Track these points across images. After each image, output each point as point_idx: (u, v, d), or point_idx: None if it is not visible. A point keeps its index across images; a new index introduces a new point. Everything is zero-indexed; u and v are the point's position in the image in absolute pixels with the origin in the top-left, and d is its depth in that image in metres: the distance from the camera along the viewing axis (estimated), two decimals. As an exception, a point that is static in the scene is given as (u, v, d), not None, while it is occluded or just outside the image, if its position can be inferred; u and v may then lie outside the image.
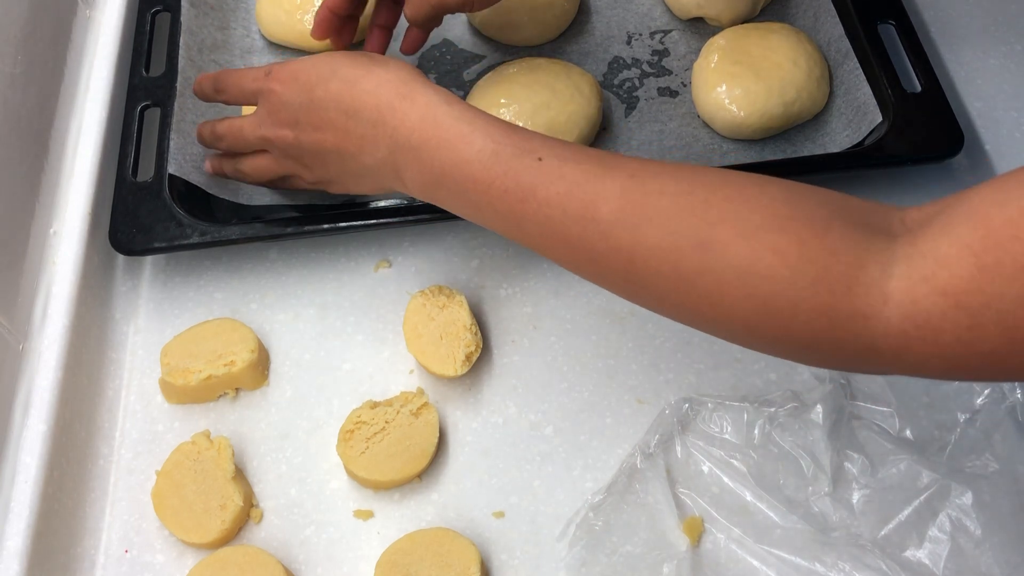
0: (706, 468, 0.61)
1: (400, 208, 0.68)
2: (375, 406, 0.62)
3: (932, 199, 0.45)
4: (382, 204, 0.70)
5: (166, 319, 0.68)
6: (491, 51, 0.80)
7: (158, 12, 0.77)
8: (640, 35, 0.81)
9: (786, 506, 0.59)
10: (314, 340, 0.67)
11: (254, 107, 0.64)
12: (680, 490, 0.60)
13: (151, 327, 0.68)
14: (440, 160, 0.53)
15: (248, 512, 0.60)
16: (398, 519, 0.60)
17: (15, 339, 0.60)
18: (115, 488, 0.62)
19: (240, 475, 0.61)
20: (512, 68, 0.73)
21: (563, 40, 0.80)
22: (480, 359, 0.65)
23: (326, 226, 0.67)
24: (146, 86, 0.73)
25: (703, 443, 0.61)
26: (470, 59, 0.80)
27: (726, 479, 0.60)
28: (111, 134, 0.72)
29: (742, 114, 0.72)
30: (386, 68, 0.57)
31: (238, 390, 0.65)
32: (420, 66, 0.79)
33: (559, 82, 0.72)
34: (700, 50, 0.76)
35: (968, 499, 0.57)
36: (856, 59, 0.73)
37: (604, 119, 0.75)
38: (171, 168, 0.68)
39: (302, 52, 0.78)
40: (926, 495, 0.58)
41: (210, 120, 0.68)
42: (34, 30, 0.68)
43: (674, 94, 0.77)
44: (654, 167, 0.49)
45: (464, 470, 0.62)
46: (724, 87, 0.72)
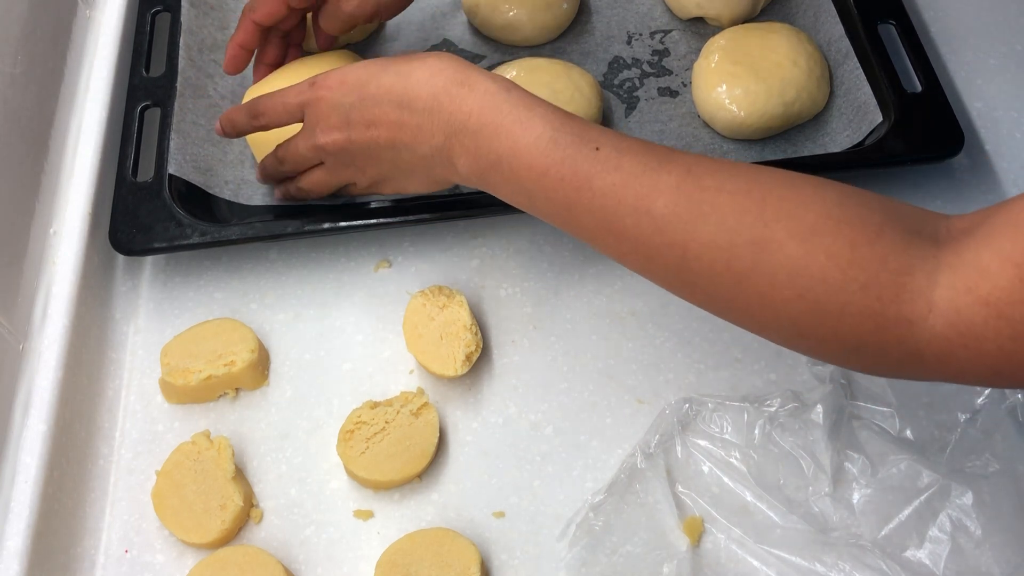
0: (706, 468, 0.61)
1: (400, 208, 0.68)
2: (375, 406, 0.62)
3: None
4: (382, 204, 0.70)
5: (166, 319, 0.68)
6: (491, 51, 0.80)
7: (158, 12, 0.77)
8: (640, 35, 0.81)
9: (786, 506, 0.59)
10: (314, 340, 0.67)
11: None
12: (680, 490, 0.60)
13: (151, 327, 0.68)
14: (497, 145, 0.53)
15: (248, 512, 0.60)
16: (398, 519, 0.60)
17: (15, 339, 0.60)
18: (115, 488, 0.62)
19: (240, 475, 0.61)
20: (512, 68, 0.73)
21: (563, 40, 0.80)
22: (480, 359, 0.65)
23: (326, 226, 0.67)
24: (146, 86, 0.73)
25: (703, 443, 0.61)
26: (470, 59, 0.80)
27: (726, 479, 0.60)
28: (111, 134, 0.72)
29: (742, 114, 0.72)
30: (439, 58, 0.57)
31: (238, 390, 0.65)
32: (420, 66, 0.79)
33: (559, 82, 0.71)
34: (700, 50, 0.76)
35: (968, 499, 0.57)
36: (856, 59, 0.73)
37: (604, 119, 0.75)
38: (171, 168, 0.68)
39: (302, 52, 0.78)
40: (926, 495, 0.58)
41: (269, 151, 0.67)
42: (34, 30, 0.68)
43: (674, 94, 0.77)
44: (711, 163, 0.49)
45: (464, 470, 0.62)
46: (724, 87, 0.72)
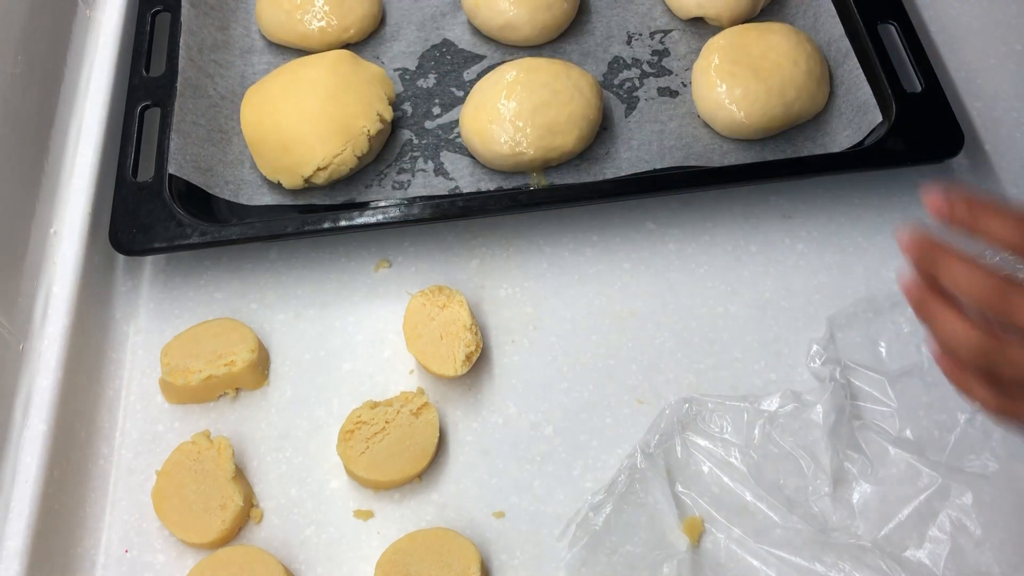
0: (706, 468, 0.61)
1: (400, 208, 0.68)
2: (375, 406, 0.62)
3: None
4: (382, 204, 0.70)
5: (166, 319, 0.68)
6: (491, 51, 0.80)
7: (158, 12, 0.77)
8: (640, 35, 0.81)
9: (786, 506, 0.59)
10: (314, 340, 0.67)
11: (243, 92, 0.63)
12: (680, 490, 0.60)
13: (151, 327, 0.68)
14: None
15: (248, 512, 0.60)
16: (398, 519, 0.60)
17: (15, 339, 0.60)
18: (115, 488, 0.62)
19: (240, 475, 0.61)
20: (512, 68, 0.73)
21: (563, 40, 0.80)
22: (480, 359, 0.65)
23: (326, 226, 0.67)
24: (146, 86, 0.73)
25: (703, 443, 0.61)
26: (470, 59, 0.80)
27: (726, 479, 0.60)
28: (111, 134, 0.72)
29: (742, 114, 0.72)
30: None
31: (238, 390, 0.65)
32: (420, 66, 0.79)
33: (559, 82, 0.71)
34: (700, 50, 0.76)
35: (968, 499, 0.57)
36: (856, 59, 0.73)
37: (604, 119, 0.75)
38: (171, 168, 0.68)
39: (302, 52, 0.78)
40: (926, 495, 0.58)
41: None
42: (34, 30, 0.68)
43: (674, 94, 0.77)
44: None
45: (464, 470, 0.62)
46: (724, 87, 0.72)
